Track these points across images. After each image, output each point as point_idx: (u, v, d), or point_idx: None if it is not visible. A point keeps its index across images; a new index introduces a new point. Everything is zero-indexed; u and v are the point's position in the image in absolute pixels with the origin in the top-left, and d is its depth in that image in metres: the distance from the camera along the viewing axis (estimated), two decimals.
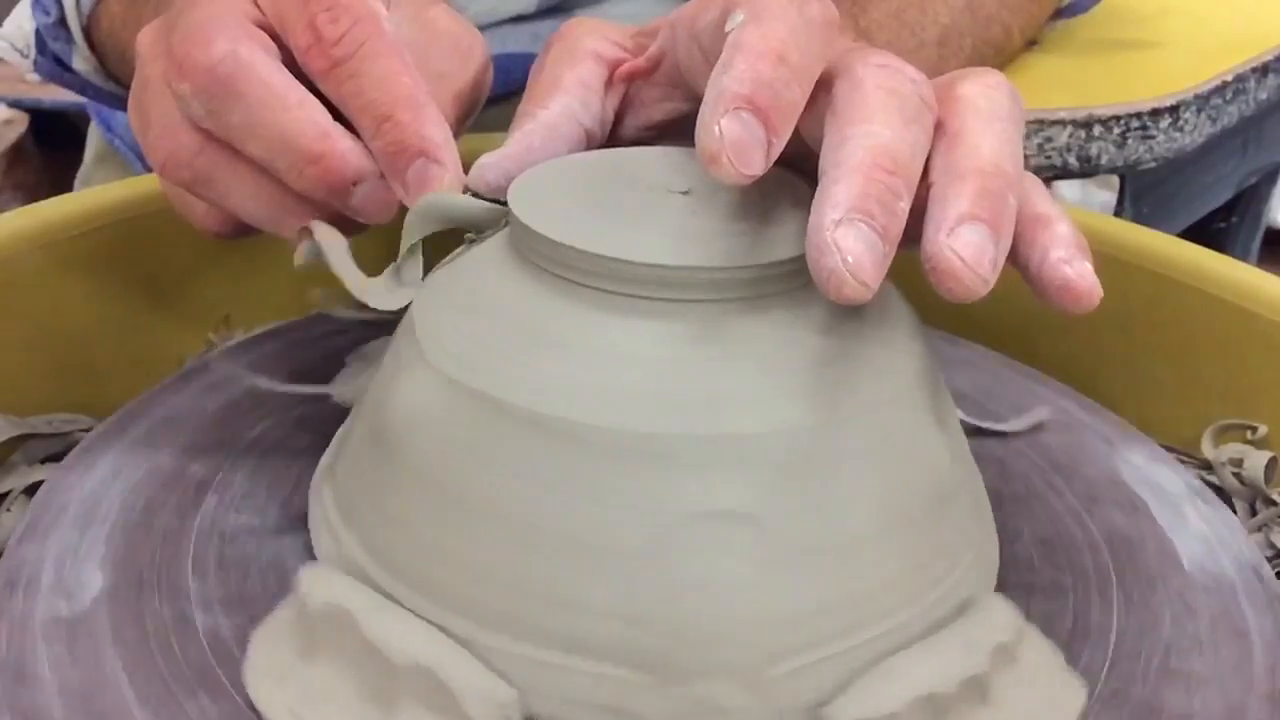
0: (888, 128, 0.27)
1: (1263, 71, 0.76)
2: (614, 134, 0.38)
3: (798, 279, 0.29)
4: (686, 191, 0.32)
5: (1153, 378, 0.47)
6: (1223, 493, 0.42)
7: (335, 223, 0.37)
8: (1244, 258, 0.91)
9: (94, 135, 0.83)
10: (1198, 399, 0.45)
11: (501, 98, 0.44)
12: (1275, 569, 0.37)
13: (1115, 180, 0.77)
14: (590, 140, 0.37)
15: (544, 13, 0.67)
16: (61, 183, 0.85)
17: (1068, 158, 0.67)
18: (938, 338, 0.46)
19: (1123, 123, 0.67)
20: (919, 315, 0.33)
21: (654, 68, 0.37)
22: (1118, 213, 0.77)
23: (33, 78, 0.66)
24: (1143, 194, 0.77)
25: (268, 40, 0.34)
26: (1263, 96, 0.77)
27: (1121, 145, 0.68)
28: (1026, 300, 0.29)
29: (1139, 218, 0.76)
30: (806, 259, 0.26)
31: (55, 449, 0.43)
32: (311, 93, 0.34)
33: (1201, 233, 0.90)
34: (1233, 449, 0.43)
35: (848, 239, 0.25)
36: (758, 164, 0.26)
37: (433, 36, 0.38)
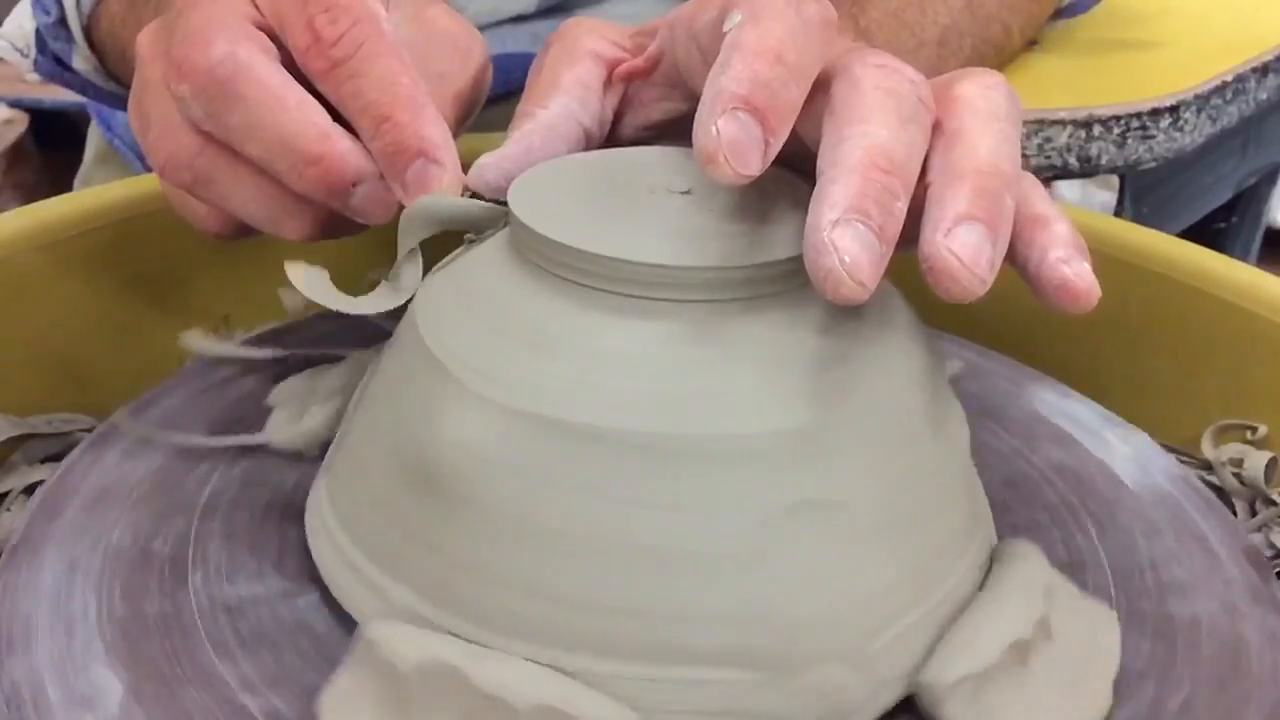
0: (885, 128, 0.27)
1: (1263, 71, 0.76)
2: (613, 134, 0.38)
3: (797, 279, 0.29)
4: (686, 191, 0.32)
5: (1153, 378, 0.47)
6: (1223, 493, 0.42)
7: (335, 223, 0.37)
8: (1244, 258, 0.91)
9: (94, 135, 0.83)
10: (1198, 399, 0.45)
11: (501, 97, 0.44)
12: (1276, 569, 0.37)
13: (1115, 180, 0.77)
14: (589, 140, 0.37)
15: (544, 13, 0.67)
16: (61, 183, 0.85)
17: (1068, 158, 0.67)
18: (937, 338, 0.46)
19: (1123, 123, 0.67)
20: (919, 315, 0.33)
21: (652, 68, 0.37)
22: (1118, 213, 0.77)
23: (33, 77, 0.66)
24: (1143, 194, 0.77)
25: (267, 41, 0.34)
26: (1263, 96, 0.77)
27: (1121, 145, 0.68)
28: (1026, 300, 0.29)
29: (1139, 218, 0.76)
30: (804, 259, 0.26)
31: (55, 449, 0.43)
32: (311, 94, 0.34)
33: (1201, 233, 0.90)
34: (1233, 449, 0.43)
35: (845, 239, 0.25)
36: (755, 164, 0.26)
37: (432, 36, 0.38)
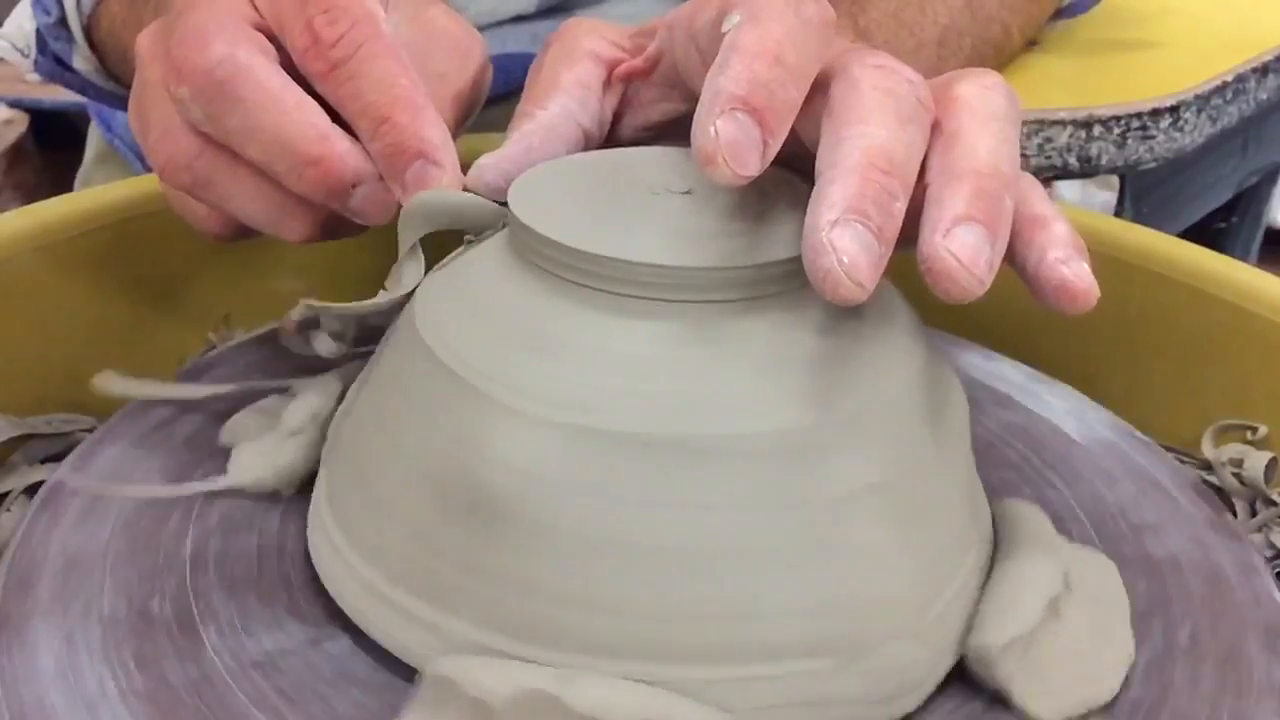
0: (884, 128, 0.27)
1: (1263, 71, 0.76)
2: (612, 134, 0.38)
3: (797, 279, 0.29)
4: (685, 192, 0.32)
5: (1153, 378, 0.47)
6: (1223, 493, 0.42)
7: (335, 224, 0.37)
8: (1244, 258, 0.91)
9: (94, 135, 0.83)
10: (1198, 399, 0.45)
11: (502, 97, 0.44)
12: (1275, 569, 0.37)
13: (1115, 180, 0.77)
14: (588, 141, 0.37)
15: (544, 13, 0.67)
16: (61, 183, 0.85)
17: (1068, 158, 0.67)
18: (939, 338, 0.46)
19: (1123, 123, 0.67)
20: (919, 315, 0.33)
21: (652, 68, 0.37)
22: (1118, 213, 0.77)
23: (33, 77, 0.66)
24: (1143, 194, 0.77)
25: (266, 43, 0.34)
26: (1263, 96, 0.77)
27: (1121, 145, 0.68)
28: (1026, 300, 0.29)
29: (1139, 218, 0.76)
30: (803, 259, 0.26)
31: (55, 449, 0.43)
32: (310, 95, 0.34)
33: (1201, 233, 0.90)
34: (1233, 449, 0.43)
35: (844, 239, 0.25)
36: (753, 165, 0.26)
37: (431, 37, 0.38)
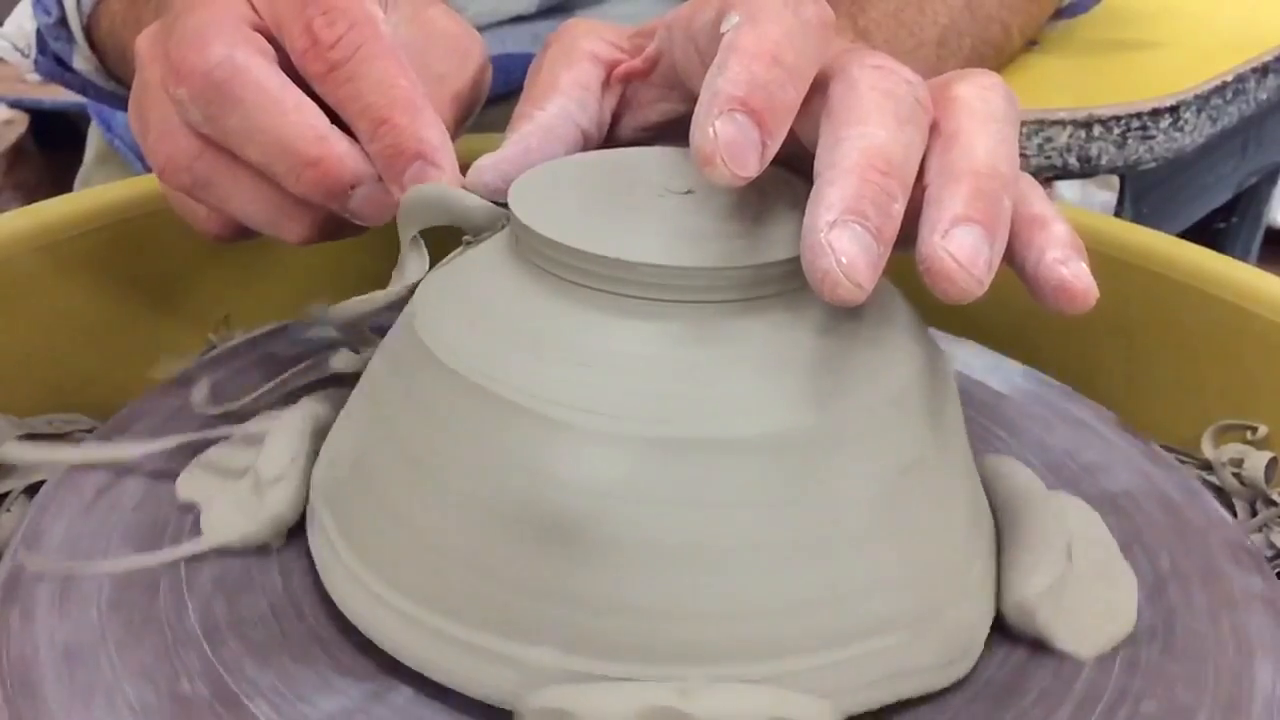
0: (882, 129, 0.27)
1: (1263, 71, 0.76)
2: (611, 135, 0.38)
3: (797, 279, 0.28)
4: (685, 192, 0.32)
5: (1153, 378, 0.47)
6: (1223, 493, 0.42)
7: (334, 225, 0.37)
8: (1244, 258, 0.91)
9: (94, 135, 0.83)
10: (1198, 399, 0.45)
11: (502, 97, 0.44)
12: (1275, 569, 0.37)
13: (1115, 180, 0.77)
14: (587, 141, 0.37)
15: (544, 13, 0.67)
16: (61, 183, 0.85)
17: (1068, 158, 0.67)
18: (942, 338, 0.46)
19: (1123, 123, 0.67)
20: (920, 316, 0.33)
21: (651, 69, 0.37)
22: (1118, 213, 0.77)
23: (33, 77, 0.66)
24: (1143, 194, 0.77)
25: (265, 44, 0.34)
26: (1263, 96, 0.77)
27: (1121, 145, 0.68)
28: (1026, 300, 0.29)
29: (1139, 218, 0.76)
30: (801, 260, 0.26)
31: None
32: (309, 96, 0.34)
33: (1201, 233, 0.89)
34: (1233, 449, 0.43)
35: (842, 240, 0.25)
36: (752, 165, 0.26)
37: (431, 37, 0.38)
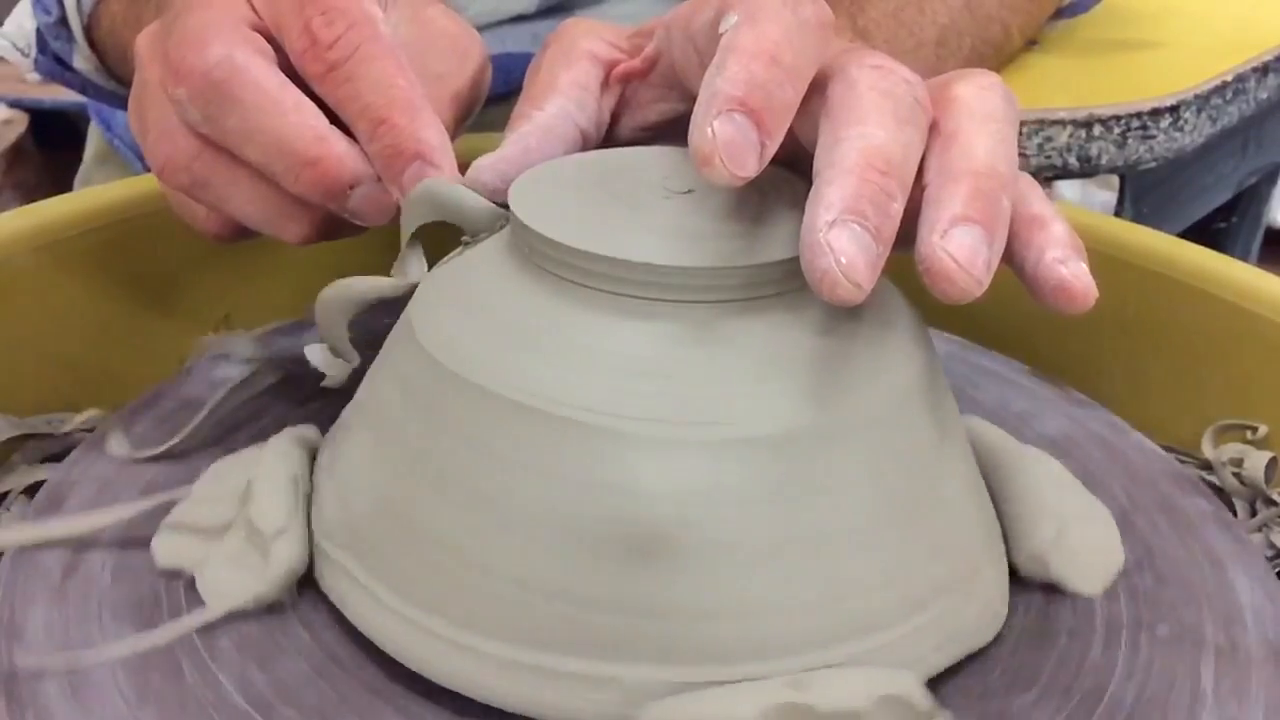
0: (881, 129, 0.27)
1: (1263, 71, 0.76)
2: (610, 135, 0.38)
3: (797, 279, 0.28)
4: (685, 192, 0.32)
5: (1153, 378, 0.47)
6: (1223, 493, 0.42)
7: (333, 225, 0.37)
8: (1244, 258, 0.91)
9: (94, 135, 0.83)
10: (1198, 399, 0.45)
11: (502, 97, 0.45)
12: (1276, 569, 0.37)
13: (1115, 180, 0.77)
14: (586, 141, 0.37)
15: (544, 13, 0.67)
16: (61, 183, 0.85)
17: (1068, 158, 0.67)
18: (945, 339, 0.46)
19: (1123, 123, 0.67)
20: (921, 316, 0.33)
21: (650, 68, 0.37)
22: (1118, 213, 0.77)
23: (33, 77, 0.66)
24: (1143, 194, 0.77)
25: (264, 44, 0.34)
26: (1263, 96, 0.77)
27: (1121, 145, 0.68)
28: (1026, 300, 0.29)
29: (1139, 218, 0.76)
30: (800, 260, 0.26)
31: (55, 449, 0.43)
32: (309, 96, 0.34)
33: (1201, 233, 0.89)
34: (1233, 449, 0.43)
35: (841, 240, 0.25)
36: (750, 166, 0.26)
37: (430, 37, 0.38)
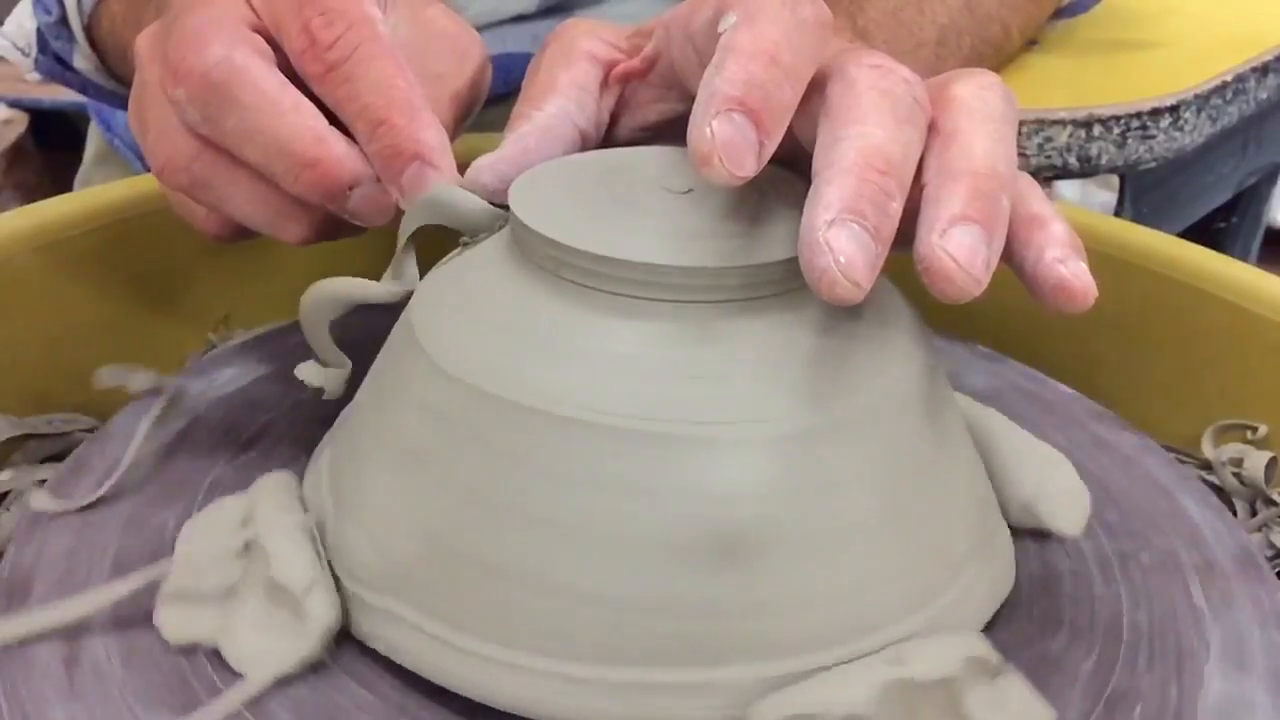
0: (880, 128, 0.27)
1: (1263, 71, 0.76)
2: (609, 135, 0.38)
3: (796, 279, 0.28)
4: (684, 191, 0.32)
5: (1153, 378, 0.47)
6: (1223, 493, 0.42)
7: (333, 226, 0.37)
8: (1244, 258, 0.91)
9: (94, 135, 0.83)
10: (1198, 399, 0.45)
11: (501, 97, 0.44)
12: (1275, 569, 0.37)
13: (1115, 180, 0.77)
14: (585, 142, 0.37)
15: (544, 13, 0.67)
16: (61, 183, 0.85)
17: (1068, 158, 0.67)
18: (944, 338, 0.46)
19: (1123, 123, 0.67)
20: (920, 316, 0.33)
21: (649, 68, 0.37)
22: (1118, 213, 0.77)
23: (33, 77, 0.66)
24: (1143, 194, 0.77)
25: (263, 44, 0.34)
26: (1263, 96, 0.77)
27: (1121, 145, 0.68)
28: (1026, 300, 0.29)
29: (1139, 218, 0.76)
30: (799, 259, 0.26)
31: (55, 449, 0.43)
32: (307, 97, 0.34)
33: (1201, 233, 0.89)
34: (1233, 449, 0.43)
35: (840, 239, 0.25)
36: (749, 165, 0.26)
37: (430, 37, 0.38)
